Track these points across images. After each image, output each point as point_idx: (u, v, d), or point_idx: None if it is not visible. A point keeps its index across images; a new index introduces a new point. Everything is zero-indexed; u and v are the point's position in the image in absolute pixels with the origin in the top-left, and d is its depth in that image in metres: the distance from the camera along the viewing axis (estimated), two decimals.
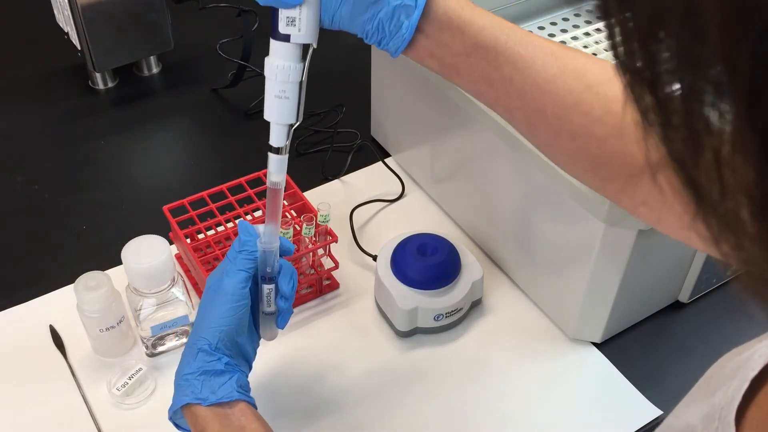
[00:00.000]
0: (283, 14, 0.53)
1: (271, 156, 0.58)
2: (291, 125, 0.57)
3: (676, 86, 0.24)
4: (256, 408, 0.60)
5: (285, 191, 0.85)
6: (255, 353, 0.65)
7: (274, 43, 0.55)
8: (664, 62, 0.24)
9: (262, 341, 0.66)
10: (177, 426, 0.62)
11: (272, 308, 0.65)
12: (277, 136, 0.57)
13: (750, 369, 0.37)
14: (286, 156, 0.58)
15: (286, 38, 0.54)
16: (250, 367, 0.64)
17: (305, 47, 0.55)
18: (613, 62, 0.26)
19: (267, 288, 0.63)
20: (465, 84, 0.58)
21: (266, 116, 0.57)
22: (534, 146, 0.60)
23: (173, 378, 0.61)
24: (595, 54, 0.89)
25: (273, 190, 0.59)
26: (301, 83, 0.56)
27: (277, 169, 0.58)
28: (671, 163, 0.25)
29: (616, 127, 0.54)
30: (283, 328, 0.66)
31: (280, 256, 0.64)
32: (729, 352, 0.42)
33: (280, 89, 0.55)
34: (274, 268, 0.63)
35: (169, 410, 0.60)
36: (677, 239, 0.56)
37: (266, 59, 0.55)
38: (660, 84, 0.24)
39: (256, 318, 0.65)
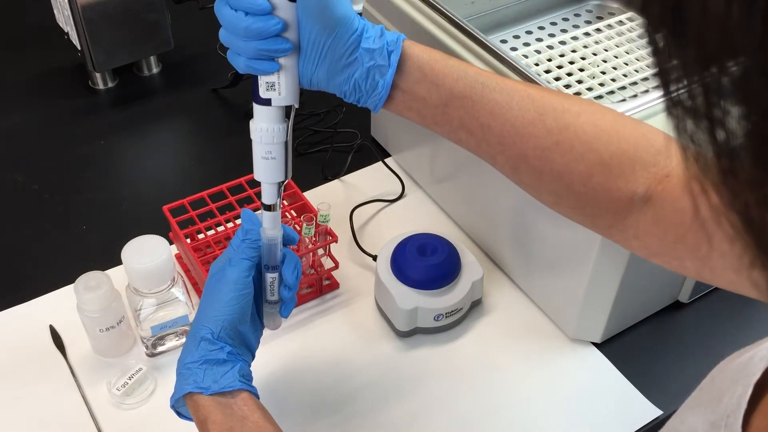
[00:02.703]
0: (263, 80, 0.56)
1: (265, 213, 0.61)
2: (280, 183, 0.60)
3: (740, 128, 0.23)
4: (258, 398, 0.60)
5: (285, 191, 0.85)
6: (258, 343, 0.64)
7: (256, 107, 0.57)
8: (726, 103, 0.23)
9: (265, 330, 0.66)
10: (179, 414, 0.62)
11: (275, 297, 0.65)
12: (269, 195, 0.60)
13: (751, 374, 0.37)
14: (279, 212, 0.61)
15: (267, 102, 0.57)
16: (253, 357, 0.64)
17: (287, 108, 0.58)
18: (666, 102, 0.25)
19: (270, 277, 0.63)
20: (445, 133, 0.60)
21: (256, 177, 0.59)
22: (521, 188, 0.61)
23: (173, 378, 0.61)
24: (594, 54, 0.89)
25: (269, 245, 0.62)
26: (286, 143, 0.58)
27: (271, 225, 0.61)
28: (730, 211, 0.24)
29: (599, 162, 0.55)
30: (286, 317, 0.66)
31: (284, 245, 0.64)
32: (731, 355, 0.42)
33: (266, 151, 0.58)
34: (278, 257, 0.63)
35: (171, 398, 0.60)
36: (671, 269, 0.56)
37: (251, 123, 0.58)
38: (719, 125, 0.23)
39: (259, 307, 0.65)
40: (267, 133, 0.57)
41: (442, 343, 0.79)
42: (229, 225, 0.83)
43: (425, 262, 0.77)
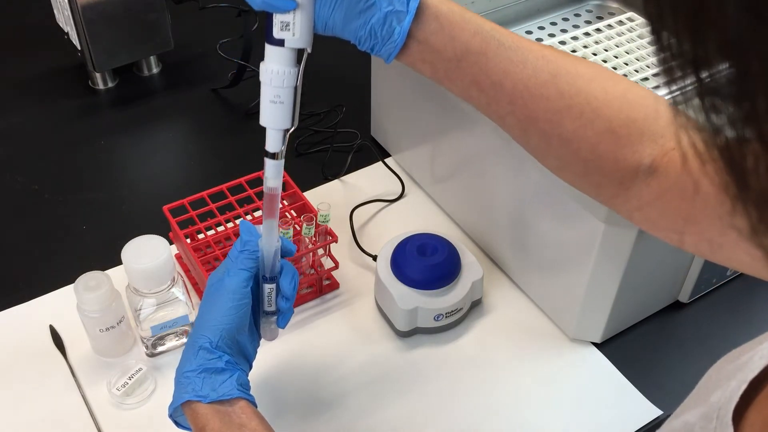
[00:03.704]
0: (278, 19, 0.53)
1: (267, 161, 0.58)
2: (286, 130, 0.57)
3: (722, 67, 0.23)
4: (256, 406, 0.60)
5: (285, 191, 0.85)
6: (255, 352, 0.65)
7: (269, 48, 0.55)
8: (712, 39, 0.23)
9: (262, 341, 0.66)
10: (177, 424, 0.62)
11: (273, 308, 0.65)
12: (273, 142, 0.57)
13: (749, 370, 0.37)
14: (282, 161, 0.58)
15: (280, 43, 0.54)
16: (251, 366, 0.64)
17: (300, 52, 0.55)
18: (654, 43, 0.25)
19: (268, 288, 0.64)
20: (457, 89, 0.58)
21: (262, 122, 0.57)
22: (527, 151, 0.60)
23: (173, 378, 0.61)
24: (594, 54, 0.89)
25: (270, 195, 0.60)
26: (296, 88, 0.56)
27: (273, 174, 0.59)
28: (713, 152, 0.25)
29: (607, 129, 0.55)
30: (284, 328, 0.66)
31: (282, 256, 0.64)
32: (728, 354, 0.43)
33: (275, 94, 0.55)
34: (276, 268, 0.63)
35: (170, 407, 0.60)
36: (670, 243, 0.56)
37: (261, 64, 0.55)
38: (707, 64, 0.24)
39: (257, 318, 0.65)
40: (277, 75, 0.55)
41: (442, 343, 0.79)
42: (229, 225, 0.83)
43: (425, 262, 0.77)
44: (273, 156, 0.58)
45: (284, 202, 0.85)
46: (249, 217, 0.84)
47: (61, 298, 0.82)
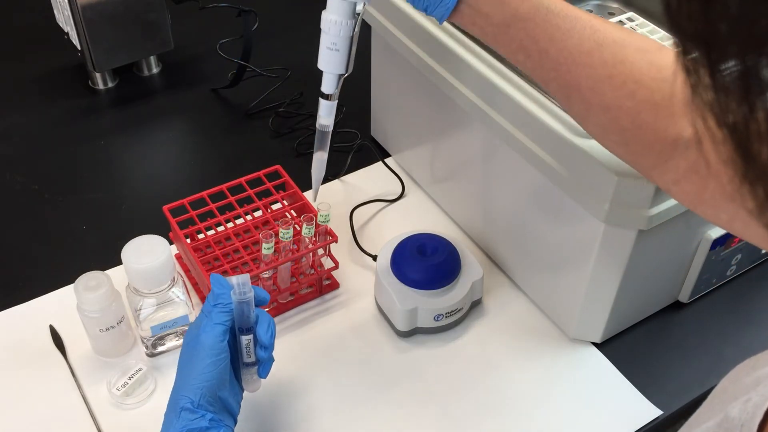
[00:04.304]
0: None
1: (322, 101, 0.64)
2: (341, 75, 0.63)
3: (731, 48, 0.24)
4: None
5: (285, 191, 0.85)
6: (239, 406, 0.65)
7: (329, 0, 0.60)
8: (719, 22, 0.23)
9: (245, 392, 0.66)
10: None
11: (252, 359, 0.65)
12: (328, 84, 0.63)
13: None
14: (336, 102, 0.65)
15: None
16: (235, 421, 0.64)
17: (356, 6, 0.60)
18: (667, 24, 0.26)
19: (245, 339, 0.64)
20: (505, 53, 0.60)
21: (319, 65, 0.62)
22: (570, 117, 0.61)
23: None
24: None
25: (321, 132, 0.67)
26: (351, 38, 0.61)
27: (326, 113, 0.65)
28: (721, 129, 0.25)
29: (648, 100, 0.55)
30: (265, 378, 0.66)
31: (256, 305, 0.64)
32: (742, 364, 0.42)
33: (332, 41, 0.61)
34: (251, 318, 0.63)
35: None
36: (706, 218, 0.56)
37: (323, 13, 0.60)
38: (715, 45, 0.24)
39: (237, 370, 0.65)
40: (335, 25, 0.60)
41: (442, 343, 0.79)
42: (229, 225, 0.83)
43: (425, 262, 0.77)
44: (327, 97, 0.64)
45: (284, 202, 0.85)
46: (249, 217, 0.84)
47: (61, 298, 0.82)
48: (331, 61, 0.62)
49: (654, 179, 0.58)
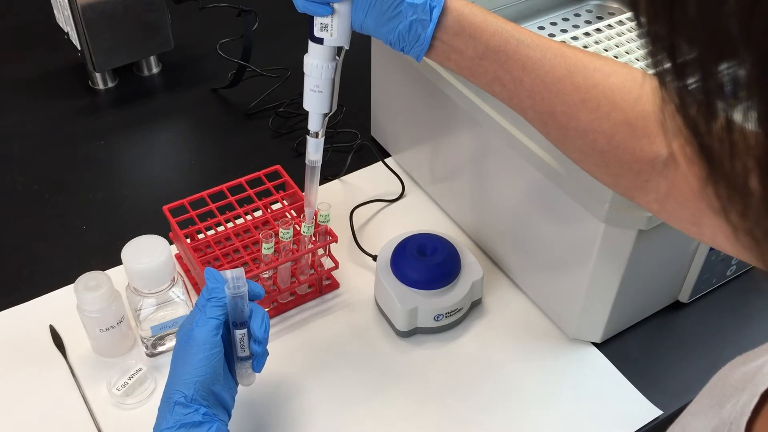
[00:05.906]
0: (317, 21, 0.62)
1: (309, 139, 0.69)
2: (325, 114, 0.67)
3: (694, 53, 0.25)
4: None
5: (285, 191, 0.85)
6: (233, 400, 0.65)
7: (311, 44, 0.64)
8: (683, 27, 0.24)
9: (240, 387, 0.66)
10: None
11: (246, 353, 0.65)
12: (314, 123, 0.68)
13: (760, 383, 0.37)
14: (322, 139, 0.69)
15: (320, 41, 0.63)
16: (229, 416, 0.63)
17: (338, 48, 0.64)
18: (637, 31, 0.27)
19: (239, 333, 0.64)
20: (481, 84, 0.62)
21: (305, 106, 0.67)
22: (550, 142, 0.62)
23: None
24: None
25: (311, 168, 0.71)
26: (333, 79, 0.65)
27: (314, 150, 0.70)
28: (685, 130, 0.26)
29: (624, 121, 0.56)
30: (260, 372, 0.66)
31: (250, 299, 0.64)
32: (734, 360, 0.42)
33: (314, 84, 0.65)
34: (245, 312, 0.63)
35: None
36: (691, 236, 0.57)
37: (305, 57, 0.64)
38: (679, 49, 0.25)
39: (232, 365, 0.65)
40: (317, 68, 0.64)
41: (442, 343, 0.79)
42: (229, 225, 0.83)
43: (425, 262, 0.77)
44: (314, 135, 0.69)
45: (284, 202, 0.85)
46: (249, 217, 0.84)
47: (61, 298, 0.82)
48: (316, 101, 0.66)
49: (635, 200, 0.59)
